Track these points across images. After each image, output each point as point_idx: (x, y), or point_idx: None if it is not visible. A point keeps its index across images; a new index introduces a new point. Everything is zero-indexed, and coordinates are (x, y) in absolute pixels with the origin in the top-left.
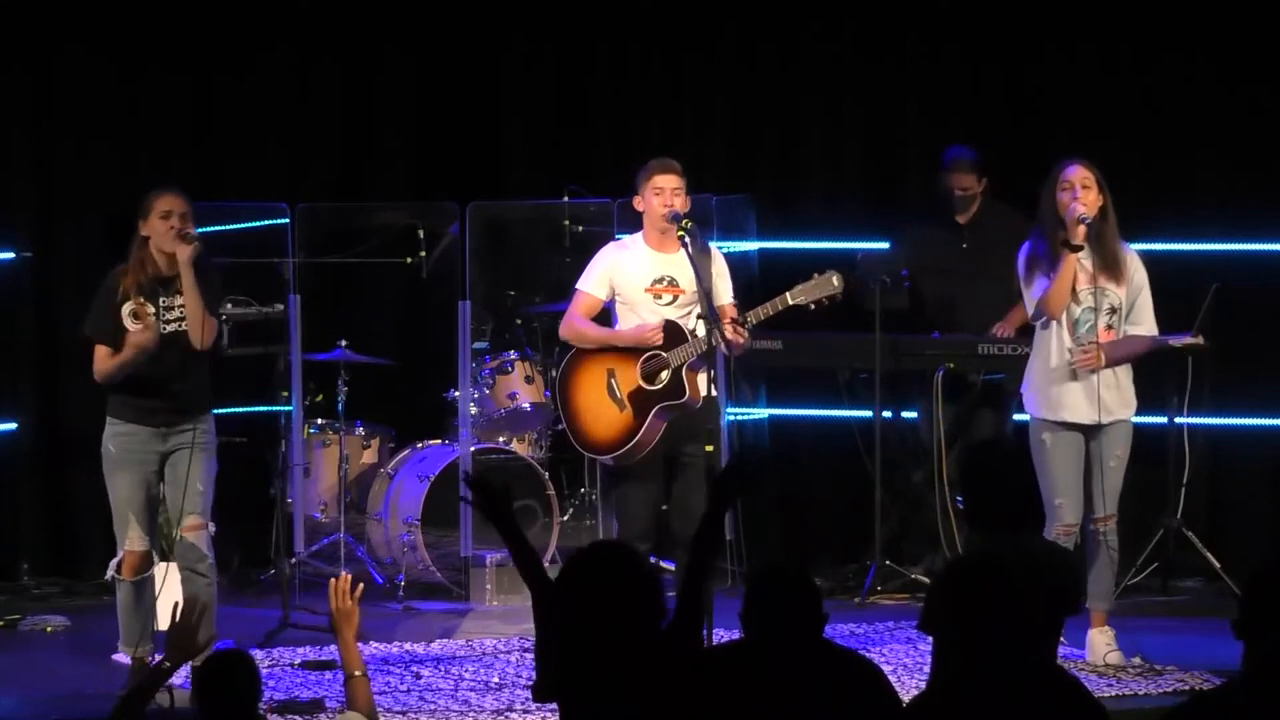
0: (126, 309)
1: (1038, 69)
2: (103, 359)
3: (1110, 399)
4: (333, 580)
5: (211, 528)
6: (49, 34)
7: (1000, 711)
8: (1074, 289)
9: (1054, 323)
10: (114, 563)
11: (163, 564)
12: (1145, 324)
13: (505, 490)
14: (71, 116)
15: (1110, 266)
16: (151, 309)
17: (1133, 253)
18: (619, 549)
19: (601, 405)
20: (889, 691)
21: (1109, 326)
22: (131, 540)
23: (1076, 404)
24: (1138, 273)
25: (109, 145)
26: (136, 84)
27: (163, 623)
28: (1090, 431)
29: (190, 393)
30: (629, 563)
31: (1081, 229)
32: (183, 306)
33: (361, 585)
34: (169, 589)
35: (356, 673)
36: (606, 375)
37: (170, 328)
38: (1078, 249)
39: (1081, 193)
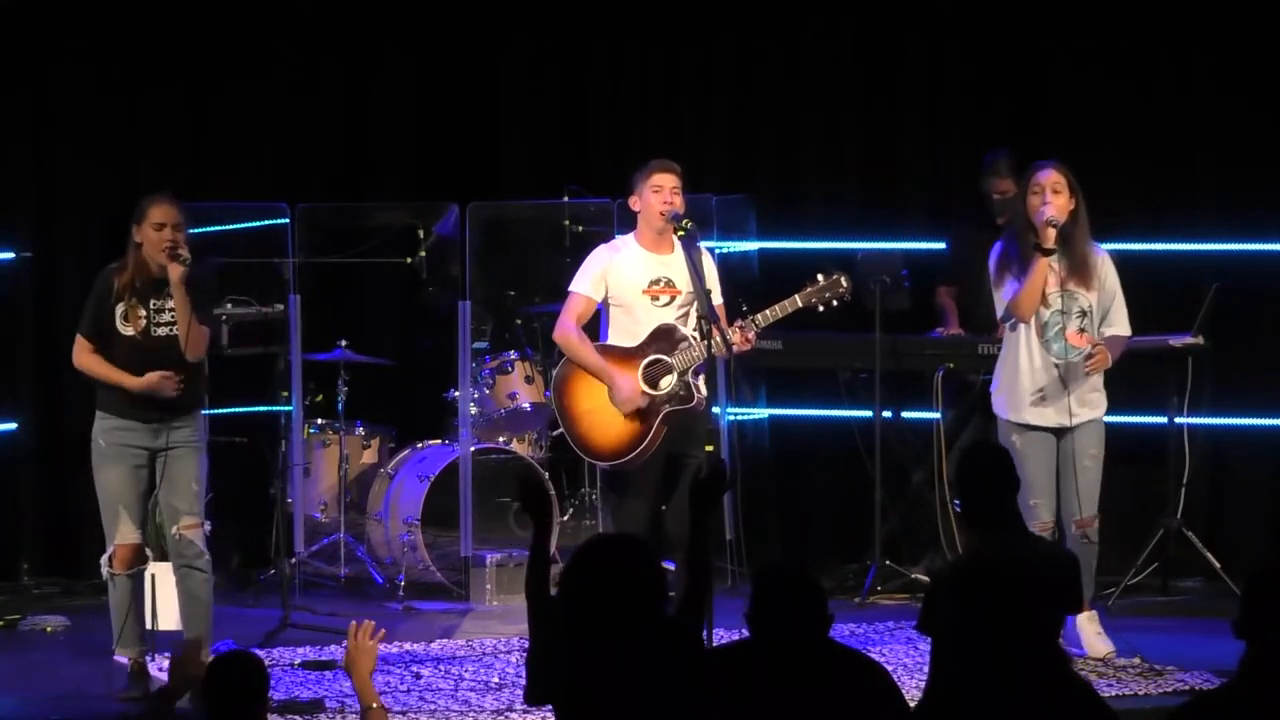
0: (119, 309)
1: (1038, 69)
2: (82, 350)
3: (1072, 403)
4: (354, 622)
5: (207, 525)
6: (50, 32)
7: (1005, 712)
8: (1043, 292)
9: (1022, 325)
10: (105, 557)
11: (160, 564)
12: (1119, 325)
13: (549, 497)
14: (72, 116)
15: (1079, 270)
16: (143, 311)
17: (1104, 255)
18: (625, 541)
19: (603, 411)
20: (895, 693)
21: (1080, 330)
22: (123, 534)
23: (1043, 408)
24: (1109, 276)
25: (109, 144)
26: (137, 84)
27: (163, 623)
28: (1060, 432)
29: (184, 393)
30: (635, 554)
31: (1052, 232)
32: (174, 311)
33: (384, 631)
34: (166, 589)
35: (374, 705)
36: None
37: (162, 330)
38: (1049, 253)
39: (1051, 197)
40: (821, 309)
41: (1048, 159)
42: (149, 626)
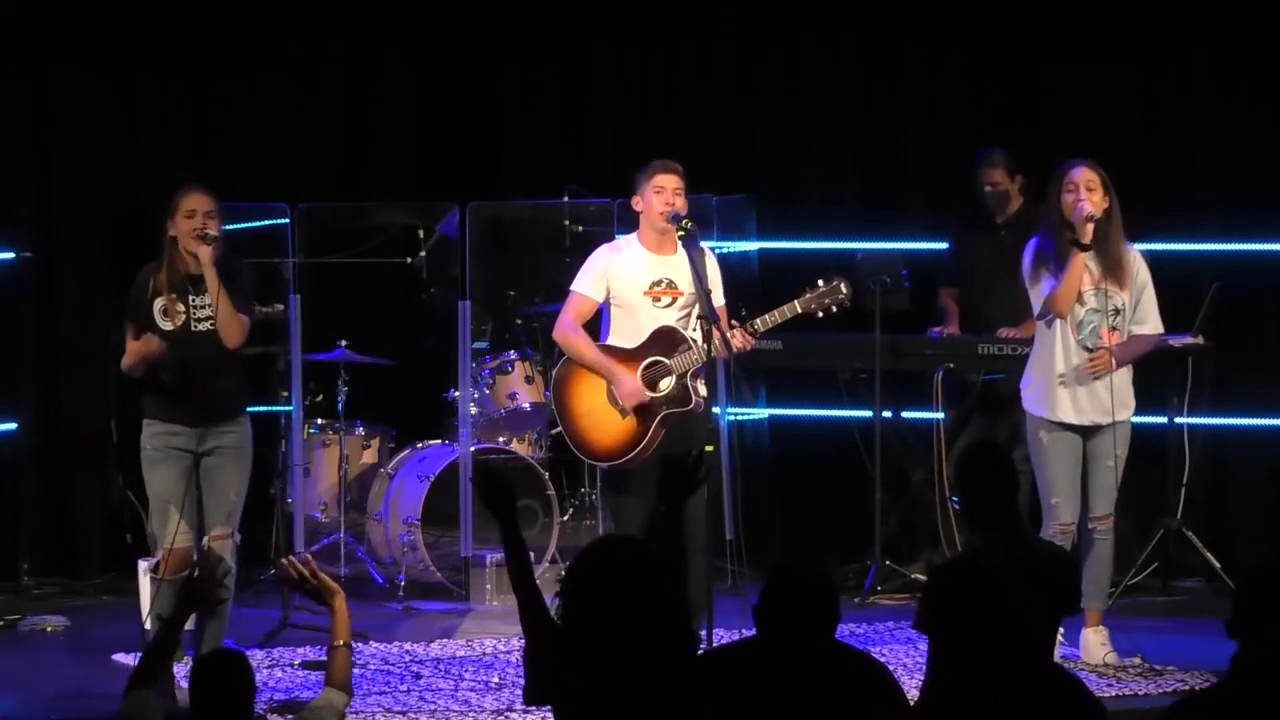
0: (158, 305)
1: (1038, 69)
2: (127, 354)
3: (1108, 401)
4: (285, 563)
5: (237, 537)
6: (50, 32)
7: (998, 712)
8: (1079, 291)
9: (1058, 322)
10: (151, 561)
11: None
12: (1150, 323)
13: (509, 487)
14: (72, 116)
15: (1114, 268)
16: (182, 306)
17: (1136, 253)
18: (628, 542)
19: (601, 412)
20: (897, 692)
21: (1113, 328)
22: (172, 536)
23: (1075, 406)
24: (1141, 273)
25: (109, 144)
26: (137, 84)
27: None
28: (1088, 432)
29: (225, 391)
30: (635, 556)
31: (1090, 227)
32: (213, 305)
33: (309, 556)
34: None
35: (339, 642)
36: (606, 382)
37: (202, 326)
38: (1087, 248)
39: (1086, 194)
40: (821, 315)
41: (1079, 158)
42: (188, 626)
